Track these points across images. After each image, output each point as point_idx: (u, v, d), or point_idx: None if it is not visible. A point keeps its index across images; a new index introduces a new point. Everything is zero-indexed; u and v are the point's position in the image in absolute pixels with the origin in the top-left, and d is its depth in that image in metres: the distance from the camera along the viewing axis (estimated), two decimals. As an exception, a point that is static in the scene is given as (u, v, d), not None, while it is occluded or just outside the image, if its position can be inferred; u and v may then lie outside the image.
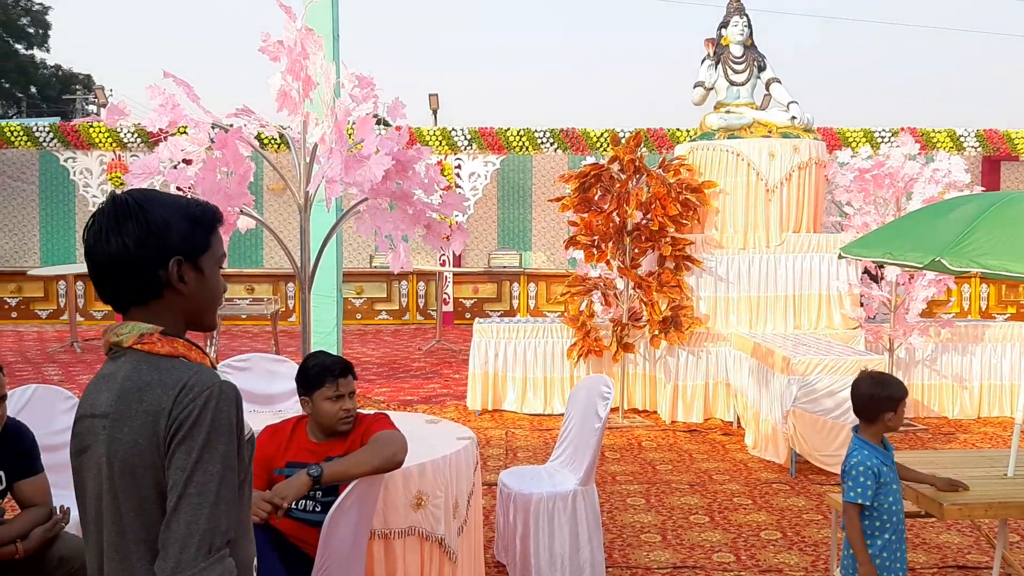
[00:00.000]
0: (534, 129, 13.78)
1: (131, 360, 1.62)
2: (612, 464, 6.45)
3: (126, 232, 1.61)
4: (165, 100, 3.68)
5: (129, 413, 1.56)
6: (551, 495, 4.27)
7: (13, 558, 3.07)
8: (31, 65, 38.33)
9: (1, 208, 15.56)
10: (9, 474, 3.25)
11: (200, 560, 1.49)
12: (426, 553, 3.44)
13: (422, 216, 3.97)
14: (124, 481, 1.56)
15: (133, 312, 1.66)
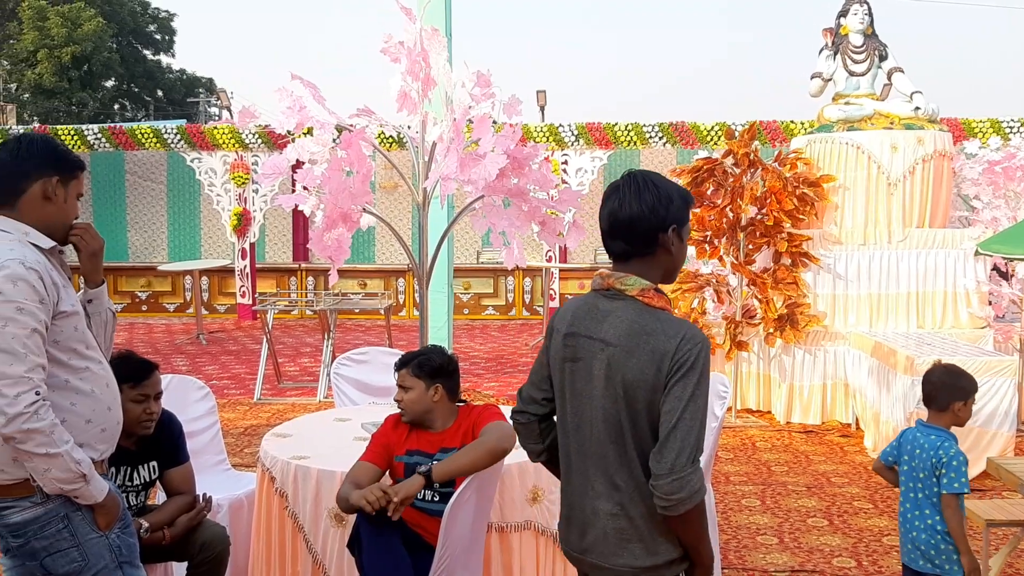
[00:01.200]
0: (642, 123, 13.67)
1: (632, 307, 2.08)
2: (726, 464, 6.35)
3: (643, 200, 2.09)
4: (293, 102, 3.82)
5: (637, 349, 2.02)
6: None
7: (160, 544, 3.25)
8: (158, 70, 40.33)
9: (132, 206, 16.45)
10: (161, 464, 3.44)
11: (688, 465, 1.97)
12: (542, 548, 3.47)
13: (537, 212, 4.00)
14: (626, 397, 2.04)
15: (633, 264, 2.13)
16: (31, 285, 2.29)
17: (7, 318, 2.25)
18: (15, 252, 2.33)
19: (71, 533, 2.40)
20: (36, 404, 2.25)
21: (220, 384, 9.27)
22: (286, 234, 16.62)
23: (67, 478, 2.32)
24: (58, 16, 32.53)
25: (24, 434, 2.24)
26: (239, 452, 6.56)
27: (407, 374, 3.27)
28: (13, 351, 2.24)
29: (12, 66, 34.11)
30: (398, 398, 3.28)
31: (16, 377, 2.24)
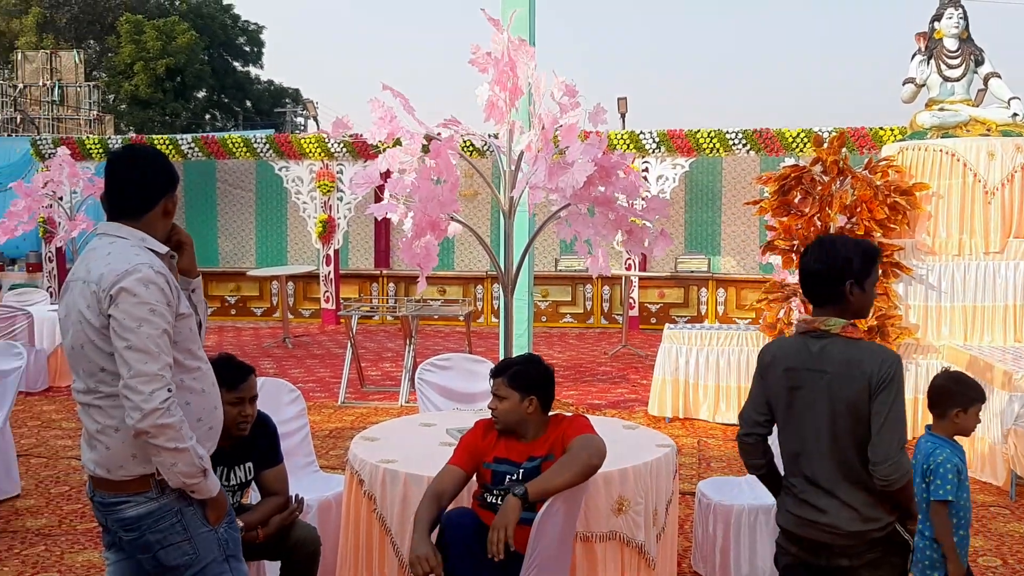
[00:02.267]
0: (725, 130, 13.47)
1: (839, 341, 2.64)
2: (811, 478, 6.20)
3: (824, 260, 2.67)
4: (384, 113, 3.90)
5: (850, 374, 2.59)
6: (753, 508, 4.17)
7: (254, 542, 3.34)
8: (247, 81, 41.56)
9: (222, 213, 16.97)
10: (257, 465, 3.54)
11: (897, 453, 2.55)
12: (626, 558, 3.45)
13: (623, 221, 3.99)
14: (846, 411, 2.60)
15: (827, 308, 2.68)
16: (160, 288, 2.41)
17: (142, 319, 2.36)
18: (142, 257, 2.45)
19: (184, 527, 2.50)
20: (168, 400, 2.35)
21: (305, 387, 9.48)
22: (368, 241, 16.92)
23: (191, 472, 2.42)
24: (154, 30, 33.82)
25: (157, 429, 2.34)
26: (324, 454, 6.69)
27: (503, 384, 3.26)
28: (147, 350, 2.35)
29: (110, 78, 35.59)
30: (492, 406, 3.28)
31: (151, 375, 2.34)
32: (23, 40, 33.07)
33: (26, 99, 29.47)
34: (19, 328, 8.97)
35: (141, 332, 2.35)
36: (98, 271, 2.43)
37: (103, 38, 37.38)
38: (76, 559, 4.66)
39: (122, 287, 2.37)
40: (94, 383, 2.45)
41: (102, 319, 2.40)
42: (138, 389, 2.33)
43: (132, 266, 2.40)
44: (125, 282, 2.37)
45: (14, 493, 5.70)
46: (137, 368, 2.34)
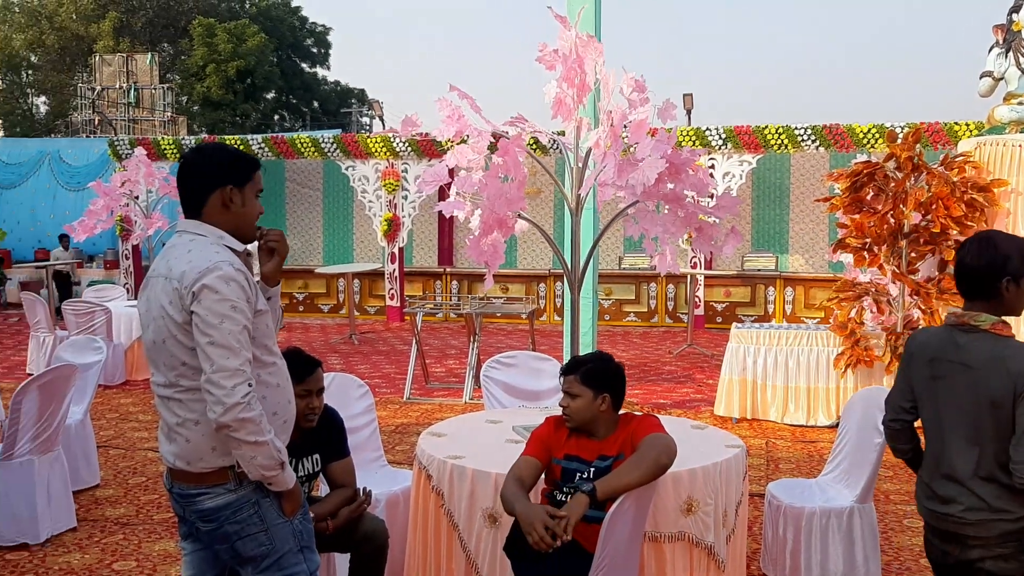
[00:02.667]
0: (794, 126, 13.23)
1: (987, 338, 2.64)
2: (885, 482, 6.06)
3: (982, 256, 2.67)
4: (452, 112, 3.92)
5: (996, 370, 2.59)
6: (825, 510, 4.09)
7: (324, 534, 3.39)
8: (314, 82, 42.27)
9: (291, 212, 17.29)
10: (324, 457, 3.60)
11: None
12: (695, 559, 3.41)
13: (693, 219, 3.95)
14: (988, 407, 2.60)
15: (977, 303, 2.68)
16: (240, 285, 2.46)
17: (223, 315, 2.41)
18: (222, 255, 2.50)
19: (260, 518, 2.55)
20: (249, 395, 2.41)
21: (371, 383, 9.54)
22: (432, 239, 17.05)
23: (269, 465, 2.47)
24: (225, 33, 34.61)
25: (239, 423, 2.39)
26: (391, 449, 6.77)
27: (576, 381, 3.23)
28: (229, 346, 2.40)
29: (183, 80, 36.54)
30: (563, 404, 3.25)
31: (232, 370, 2.40)
32: (101, 44, 34.16)
33: (104, 101, 30.43)
34: (98, 323, 9.26)
35: (223, 328, 2.40)
36: (180, 268, 2.48)
37: (177, 41, 38.41)
38: (153, 548, 4.80)
39: (204, 284, 2.42)
40: (175, 377, 2.51)
41: (184, 315, 2.45)
42: (220, 384, 2.38)
43: (213, 264, 2.45)
44: (207, 279, 2.42)
45: (94, 483, 5.89)
46: (219, 363, 2.39)
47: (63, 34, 35.82)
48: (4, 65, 36.90)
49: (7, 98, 37.71)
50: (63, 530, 4.99)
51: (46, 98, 38.65)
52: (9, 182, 19.20)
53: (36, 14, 36.15)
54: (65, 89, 35.91)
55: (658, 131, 3.95)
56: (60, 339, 9.34)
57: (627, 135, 3.88)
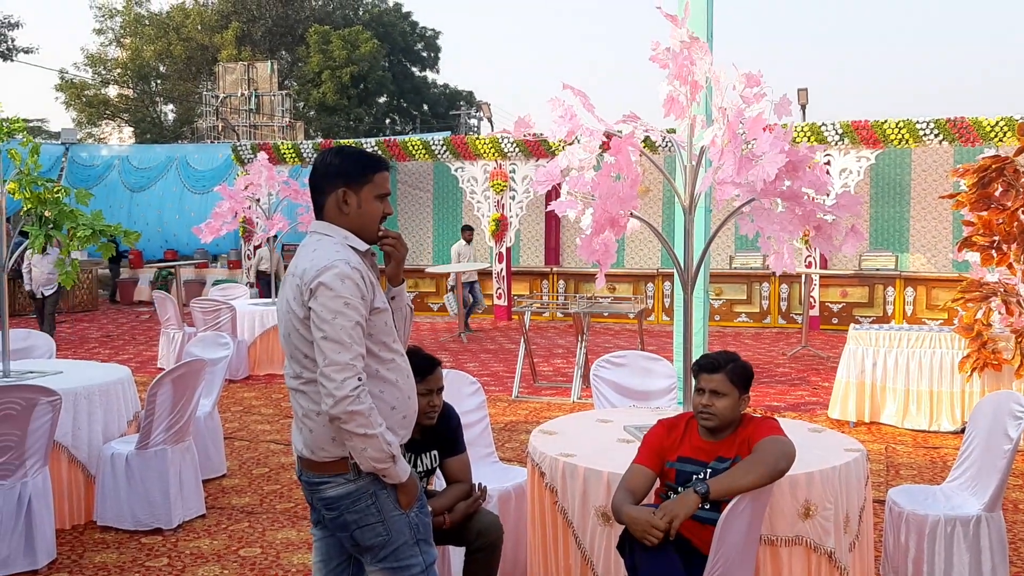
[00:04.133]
0: (915, 120, 12.70)
1: None
2: (1015, 491, 5.77)
3: None
4: (564, 111, 3.95)
5: None
6: (950, 518, 3.93)
7: (441, 528, 3.47)
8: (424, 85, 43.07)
9: (403, 213, 17.68)
10: (441, 453, 3.68)
11: None
12: (814, 565, 3.34)
13: (812, 216, 3.85)
14: None
15: None
16: (355, 283, 2.56)
17: (336, 311, 2.52)
18: (340, 254, 2.61)
19: (377, 509, 2.64)
20: (359, 388, 2.50)
21: (480, 381, 9.71)
22: (539, 239, 17.14)
23: (380, 457, 2.55)
24: (340, 39, 35.66)
25: (348, 415, 2.49)
26: (501, 446, 6.85)
27: (724, 380, 3.16)
28: (341, 340, 2.50)
29: (300, 86, 37.83)
30: (707, 403, 3.16)
31: (343, 364, 2.50)
32: (224, 53, 35.72)
33: (226, 108, 31.80)
34: (224, 320, 9.71)
35: (335, 324, 2.51)
36: (303, 266, 2.61)
37: (294, 49, 39.78)
38: (276, 536, 5.01)
39: (320, 281, 2.53)
40: (299, 368, 2.64)
41: (304, 310, 2.57)
42: (331, 377, 2.49)
43: (331, 262, 2.56)
44: (323, 277, 2.53)
45: (221, 473, 6.18)
46: (331, 357, 2.50)
47: (189, 44, 37.62)
48: (135, 75, 39.03)
49: (138, 106, 39.86)
50: (193, 516, 5.26)
51: (173, 106, 40.67)
52: (139, 185, 20.32)
53: (164, 26, 38.09)
54: (191, 97, 37.71)
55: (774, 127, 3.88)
56: (188, 335, 9.84)
57: (744, 131, 3.82)
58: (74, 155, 21.10)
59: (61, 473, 5.08)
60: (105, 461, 5.11)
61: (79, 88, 38.36)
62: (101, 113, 39.52)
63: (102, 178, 20.45)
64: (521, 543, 4.15)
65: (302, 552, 4.73)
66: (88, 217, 5.60)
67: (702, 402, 3.17)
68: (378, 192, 2.72)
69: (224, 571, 4.51)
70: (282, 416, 8.14)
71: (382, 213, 2.74)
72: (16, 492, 4.46)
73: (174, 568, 4.56)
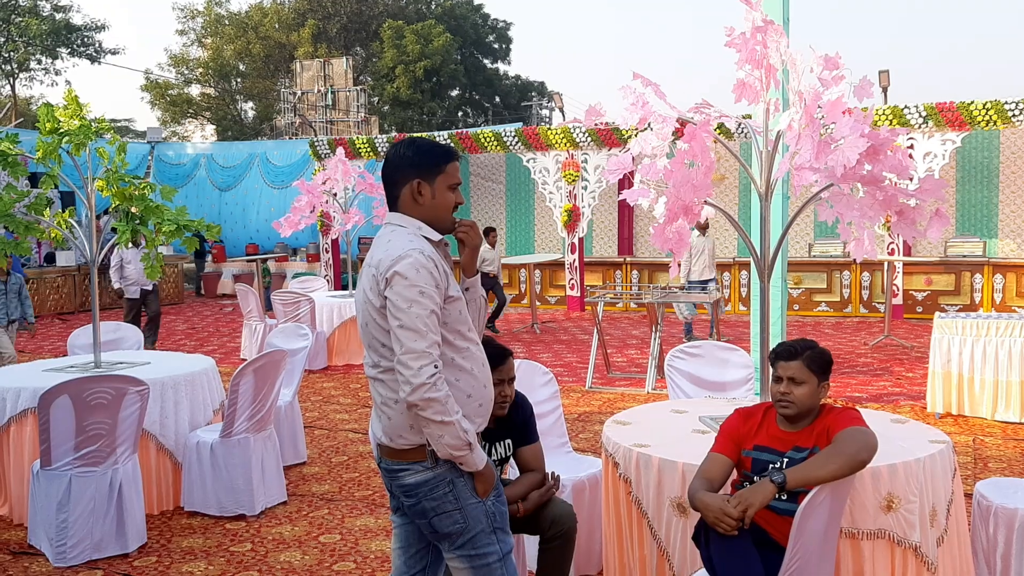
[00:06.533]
0: (1003, 101, 12.20)
1: None
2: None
3: None
4: (636, 99, 3.91)
5: None
6: (1043, 513, 3.77)
7: (514, 516, 3.48)
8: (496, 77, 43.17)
9: (476, 205, 17.77)
10: (515, 442, 3.70)
11: None
12: (898, 559, 3.24)
13: (893, 201, 3.73)
14: None
15: None
16: (429, 272, 2.59)
17: (412, 300, 2.55)
18: (414, 243, 2.64)
19: (455, 497, 2.67)
20: (435, 376, 2.53)
21: (553, 371, 9.70)
22: (612, 229, 17.03)
23: (456, 444, 2.58)
24: (413, 34, 36.02)
25: (425, 402, 2.52)
26: (574, 437, 6.85)
27: (802, 367, 3.11)
28: (416, 329, 2.54)
29: (375, 82, 38.32)
30: (784, 390, 3.11)
31: (420, 351, 2.53)
32: (301, 51, 36.42)
33: (304, 104, 32.43)
34: (303, 312, 9.92)
35: (411, 312, 2.54)
36: (378, 257, 2.66)
37: (368, 44, 40.32)
38: (355, 523, 5.11)
39: (396, 271, 2.57)
40: (377, 358, 2.68)
41: (380, 300, 2.62)
42: (408, 364, 2.52)
43: (405, 252, 2.59)
44: (398, 266, 2.57)
45: (301, 460, 6.33)
46: (408, 345, 2.53)
47: (267, 43, 38.48)
48: (216, 74, 40.11)
49: (219, 104, 40.97)
50: (275, 503, 5.40)
51: (253, 103, 41.67)
52: (226, 184, 20.89)
53: (244, 25, 39.03)
54: (269, 94, 38.57)
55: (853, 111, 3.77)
56: (270, 327, 10.09)
57: (822, 115, 3.73)
58: (160, 153, 21.80)
59: (150, 460, 5.27)
60: (191, 449, 5.28)
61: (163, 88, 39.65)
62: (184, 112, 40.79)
63: (190, 176, 21.08)
64: (596, 534, 4.15)
65: (380, 539, 4.82)
66: (173, 212, 5.77)
67: (780, 390, 3.12)
68: (450, 182, 2.76)
69: (305, 557, 4.62)
70: (360, 405, 8.29)
71: (455, 203, 2.77)
72: (108, 478, 4.64)
73: (257, 553, 4.68)
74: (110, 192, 5.68)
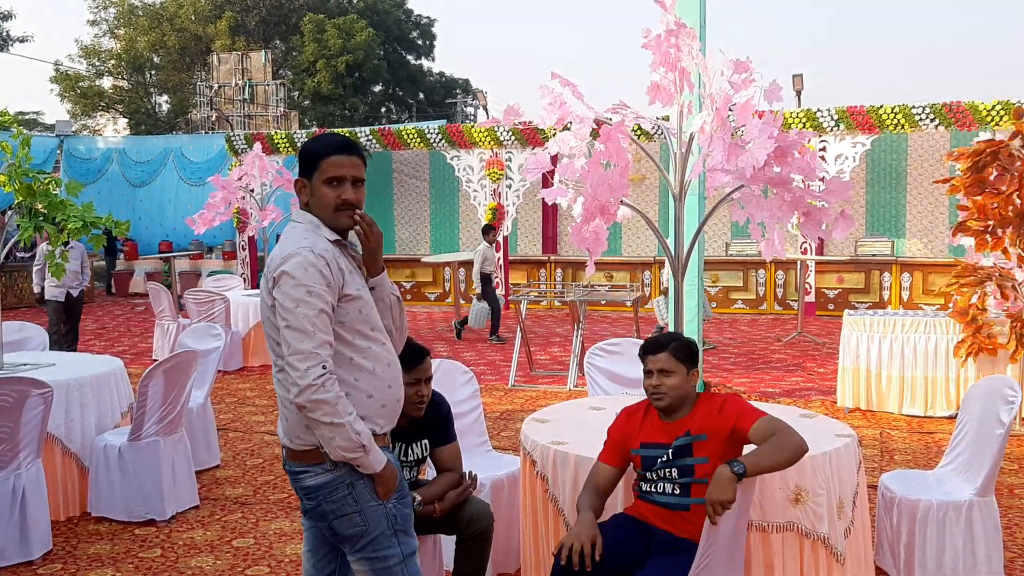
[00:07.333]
0: (911, 105, 12.66)
1: None
2: (1009, 476, 5.78)
3: None
4: (554, 99, 3.93)
5: None
6: (942, 503, 3.94)
7: (431, 516, 3.47)
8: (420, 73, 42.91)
9: (399, 202, 17.64)
10: (431, 442, 3.68)
11: None
12: (807, 551, 3.33)
13: (801, 203, 3.84)
14: None
15: None
16: (318, 270, 2.53)
17: (299, 299, 2.50)
18: (307, 241, 2.58)
19: (354, 499, 2.61)
20: (323, 377, 2.48)
21: (476, 370, 9.70)
22: (536, 227, 17.11)
23: (348, 447, 2.52)
24: (334, 28, 35.53)
25: (313, 403, 2.47)
26: (495, 435, 6.85)
27: (669, 358, 3.18)
28: (303, 329, 2.49)
29: (295, 76, 37.70)
30: (655, 383, 3.18)
31: (306, 352, 2.48)
32: (218, 43, 35.58)
33: (221, 98, 31.70)
34: (217, 311, 9.70)
35: (298, 312, 2.49)
36: (272, 255, 2.63)
37: (288, 38, 39.64)
38: (270, 527, 5.01)
39: (283, 270, 2.53)
40: (275, 357, 2.64)
41: (271, 299, 2.58)
42: (295, 366, 2.48)
43: (295, 250, 2.55)
44: (286, 265, 2.53)
45: (214, 464, 6.18)
46: (295, 346, 2.48)
47: (183, 35, 37.47)
48: (129, 67, 38.90)
49: (132, 98, 39.75)
50: (187, 508, 5.26)
51: (168, 97, 40.55)
52: (140, 180, 20.27)
53: (158, 16, 37.93)
54: (185, 87, 37.59)
55: (765, 113, 3.86)
56: (182, 327, 9.83)
57: (734, 118, 3.81)
58: (70, 148, 21.01)
59: (55, 465, 5.08)
60: (98, 452, 5.11)
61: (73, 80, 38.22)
62: (96, 105, 39.41)
63: (102, 172, 20.37)
64: (514, 531, 4.16)
65: (295, 542, 4.73)
66: (79, 209, 5.57)
67: (652, 383, 3.19)
68: (326, 176, 2.63)
69: (217, 562, 4.51)
70: (275, 407, 8.09)
71: (340, 198, 2.64)
72: (10, 484, 4.46)
73: (168, 559, 4.56)
74: (12, 188, 5.45)
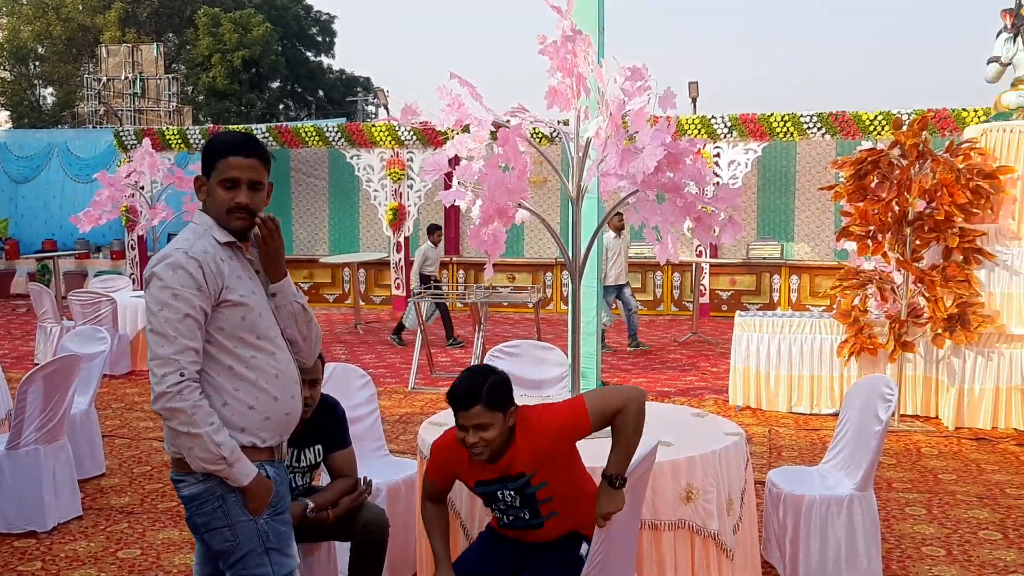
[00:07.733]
0: (800, 114, 13.16)
1: None
2: (888, 470, 6.06)
3: None
4: (452, 100, 3.91)
5: None
6: (824, 498, 4.10)
7: (325, 523, 3.41)
8: (319, 71, 42.18)
9: (296, 201, 17.29)
10: (325, 447, 3.61)
11: None
12: (698, 547, 3.42)
13: (692, 208, 3.93)
14: None
15: None
16: (189, 273, 2.43)
17: (163, 302, 2.42)
18: (186, 243, 2.50)
19: (224, 513, 2.51)
20: (180, 385, 2.38)
21: (376, 373, 9.62)
22: (438, 228, 17.03)
23: (208, 458, 2.42)
24: (230, 22, 34.57)
25: (168, 412, 2.40)
26: (395, 439, 6.79)
27: (483, 410, 2.79)
28: (164, 333, 2.40)
29: (189, 70, 36.52)
30: (472, 440, 2.82)
31: (164, 358, 2.40)
32: (107, 35, 34.15)
33: (110, 92, 30.45)
34: (104, 313, 9.30)
35: (160, 315, 2.41)
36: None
37: (182, 31, 38.38)
38: (157, 536, 4.84)
39: (153, 271, 2.46)
40: None
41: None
42: (153, 371, 2.41)
43: (169, 251, 2.48)
44: (156, 267, 2.46)
45: (99, 472, 5.93)
46: (154, 351, 2.41)
47: (69, 25, 35.81)
48: (12, 57, 36.94)
49: (15, 90, 37.76)
50: (69, 518, 5.03)
51: (53, 89, 38.70)
52: (23, 176, 19.27)
53: (43, 5, 36.14)
54: (72, 80, 35.95)
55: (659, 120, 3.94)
56: (66, 329, 9.39)
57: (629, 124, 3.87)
58: (-57, 140, 19.85)
59: (-78, 478, 4.79)
60: (-29, 464, 4.83)
61: (-51, 68, 36.07)
62: (-26, 95, 37.30)
63: (-20, 167, 19.31)
64: (411, 536, 4.12)
65: (184, 552, 4.58)
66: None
67: (468, 440, 2.83)
68: (221, 177, 2.56)
69: (101, 574, 4.33)
70: (168, 412, 7.86)
71: (233, 201, 2.55)
72: None
73: (48, 572, 4.35)
74: None
